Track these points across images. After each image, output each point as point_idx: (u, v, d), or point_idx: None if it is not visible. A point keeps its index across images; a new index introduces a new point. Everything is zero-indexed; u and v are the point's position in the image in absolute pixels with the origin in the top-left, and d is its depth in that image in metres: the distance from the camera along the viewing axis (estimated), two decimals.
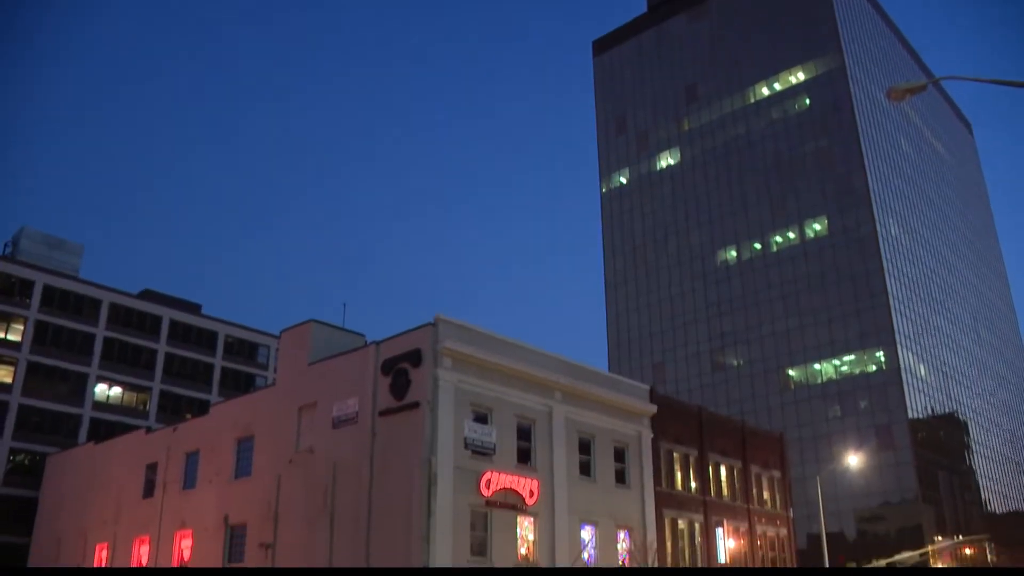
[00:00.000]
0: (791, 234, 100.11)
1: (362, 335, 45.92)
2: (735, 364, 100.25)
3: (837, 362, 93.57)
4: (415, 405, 37.02)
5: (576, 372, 44.12)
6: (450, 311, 46.25)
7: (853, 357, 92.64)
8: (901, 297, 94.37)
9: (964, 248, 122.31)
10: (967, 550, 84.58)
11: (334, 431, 40.78)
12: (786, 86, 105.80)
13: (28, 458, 69.84)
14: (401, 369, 38.20)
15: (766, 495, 56.67)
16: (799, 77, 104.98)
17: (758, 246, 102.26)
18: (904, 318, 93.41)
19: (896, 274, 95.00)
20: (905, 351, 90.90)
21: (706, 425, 52.87)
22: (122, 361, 77.51)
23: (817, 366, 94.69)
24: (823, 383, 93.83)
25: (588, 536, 42.16)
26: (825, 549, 47.94)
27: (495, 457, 38.22)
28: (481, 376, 38.82)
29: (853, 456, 65.62)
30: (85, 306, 76.42)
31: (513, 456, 39.55)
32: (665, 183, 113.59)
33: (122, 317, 78.39)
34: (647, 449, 47.18)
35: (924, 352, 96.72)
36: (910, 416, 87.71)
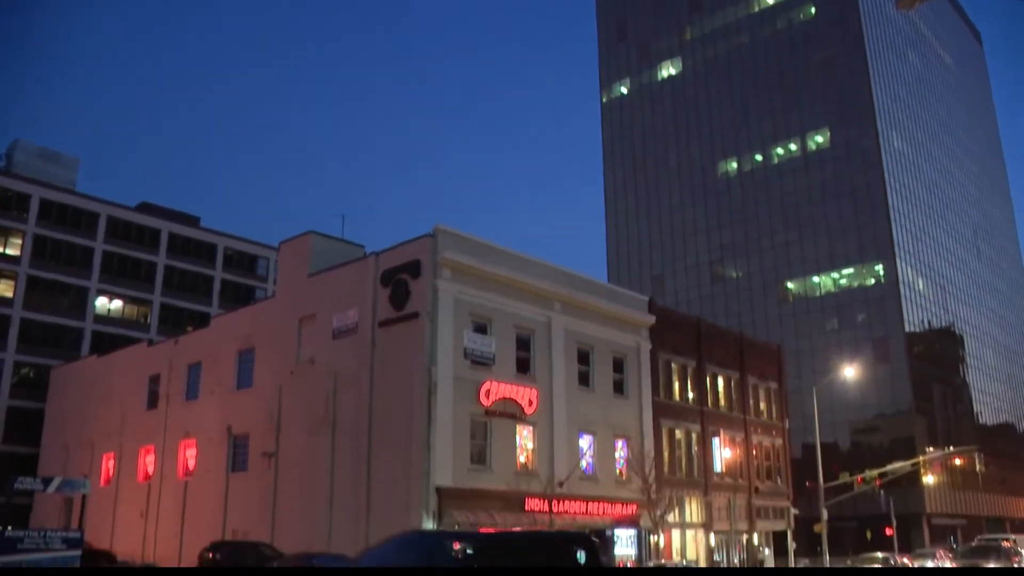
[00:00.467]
0: (793, 146, 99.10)
1: (361, 246, 45.84)
2: (734, 276, 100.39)
3: (836, 275, 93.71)
4: (415, 316, 37.15)
5: (575, 283, 44.17)
6: (449, 222, 46.05)
7: (852, 270, 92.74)
8: (902, 210, 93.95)
9: (968, 161, 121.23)
10: (957, 460, 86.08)
11: (334, 342, 41.03)
12: None
13: (32, 371, 70.51)
14: (401, 280, 38.21)
15: (763, 406, 57.39)
16: None
17: (759, 158, 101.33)
18: (904, 231, 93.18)
19: (897, 187, 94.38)
20: (904, 265, 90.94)
21: (704, 336, 53.21)
22: (122, 274, 77.55)
23: (816, 279, 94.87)
24: (821, 296, 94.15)
25: (586, 445, 42.82)
26: (819, 459, 48.69)
27: (494, 367, 38.53)
28: (480, 287, 38.85)
29: (849, 368, 66.14)
30: (83, 220, 76.10)
31: (512, 366, 39.87)
32: (666, 94, 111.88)
33: (120, 230, 78.14)
34: (645, 360, 47.57)
35: (923, 266, 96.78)
36: (907, 330, 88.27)
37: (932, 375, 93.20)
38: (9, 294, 71.11)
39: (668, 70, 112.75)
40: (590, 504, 41.25)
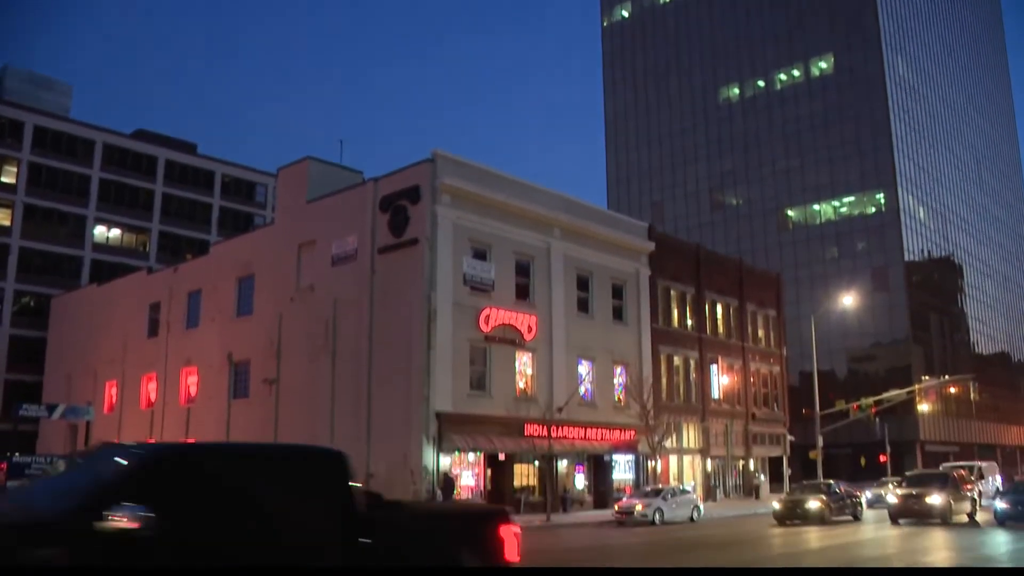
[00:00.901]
0: (796, 72, 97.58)
1: (360, 172, 45.48)
2: (734, 204, 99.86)
3: (836, 203, 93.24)
4: (414, 242, 37.07)
5: (575, 209, 43.96)
6: (449, 149, 45.60)
7: (853, 198, 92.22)
8: (905, 138, 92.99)
9: (974, 89, 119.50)
10: (952, 389, 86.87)
11: (334, 268, 41.00)
12: None
13: (33, 300, 70.56)
14: (400, 206, 38.01)
15: (761, 333, 57.67)
16: None
17: (761, 84, 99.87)
18: (907, 159, 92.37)
19: (901, 115, 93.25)
20: (905, 193, 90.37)
21: (704, 263, 53.19)
22: (119, 202, 77.02)
23: (816, 207, 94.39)
24: (821, 224, 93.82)
25: (585, 371, 43.10)
26: (816, 387, 49.10)
27: (494, 293, 38.59)
28: (480, 212, 38.66)
29: (848, 297, 66.29)
30: (78, 147, 75.24)
31: (512, 292, 39.91)
32: (668, 17, 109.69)
33: (116, 158, 77.34)
34: (645, 286, 47.63)
35: (924, 195, 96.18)
36: (906, 259, 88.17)
37: (930, 304, 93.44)
38: (7, 223, 70.76)
39: None
40: (588, 430, 41.71)
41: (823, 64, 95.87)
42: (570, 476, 41.70)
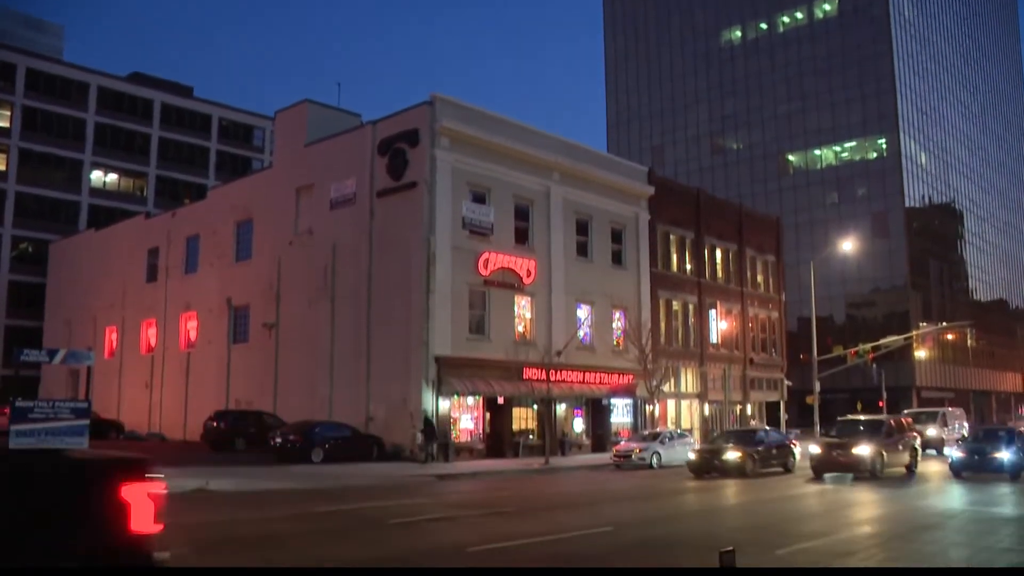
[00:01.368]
0: (799, 14, 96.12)
1: (358, 115, 45.03)
2: (735, 148, 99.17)
3: (838, 148, 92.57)
4: (413, 185, 36.83)
5: (574, 152, 43.62)
6: (447, 91, 45.10)
7: (854, 143, 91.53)
8: (908, 83, 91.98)
9: (980, 33, 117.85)
10: (949, 335, 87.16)
11: (332, 212, 40.80)
12: None
13: (31, 246, 70.34)
14: (398, 149, 37.70)
15: (760, 278, 57.62)
16: None
17: (764, 26, 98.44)
18: (909, 104, 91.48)
19: (906, 58, 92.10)
20: (907, 138, 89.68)
21: (703, 208, 52.94)
22: (115, 147, 76.33)
23: (817, 152, 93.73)
24: (822, 169, 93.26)
25: (584, 315, 43.13)
26: (814, 332, 49.23)
27: (493, 237, 38.44)
28: (479, 156, 38.35)
29: (847, 242, 66.12)
30: (72, 90, 74.34)
31: (511, 236, 39.77)
32: None
33: (112, 101, 76.46)
34: (644, 231, 47.46)
35: (927, 140, 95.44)
36: (907, 204, 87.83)
37: (930, 251, 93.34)
38: (2, 167, 70.23)
39: None
40: (587, 374, 41.88)
41: (827, 6, 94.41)
42: (568, 420, 41.98)
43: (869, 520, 18.22)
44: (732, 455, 28.42)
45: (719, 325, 52.40)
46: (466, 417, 37.97)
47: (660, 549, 13.79)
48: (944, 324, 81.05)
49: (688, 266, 51.22)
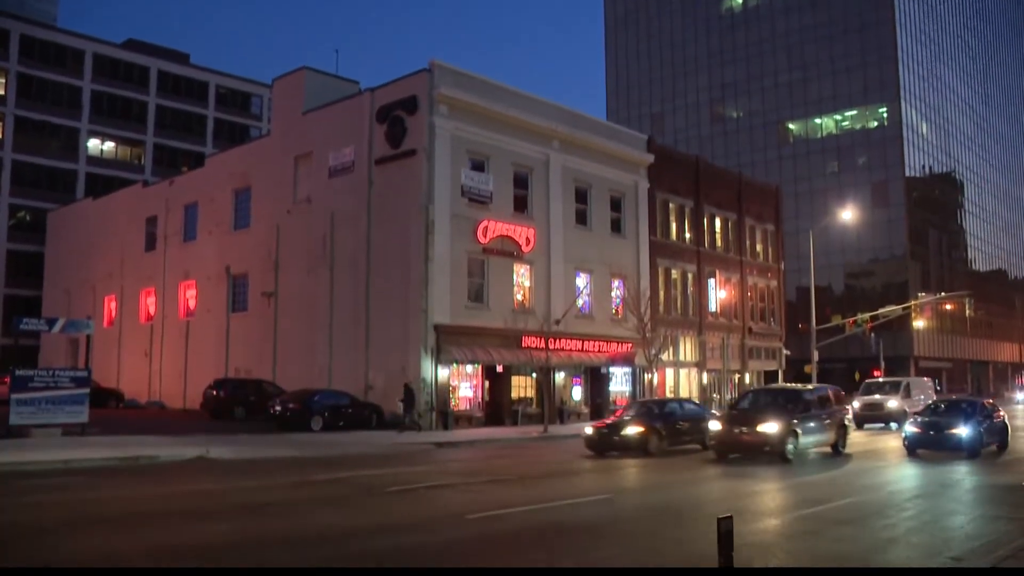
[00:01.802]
0: None
1: (356, 82, 44.68)
2: (735, 116, 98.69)
3: (838, 117, 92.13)
4: (411, 153, 36.66)
5: (574, 120, 43.37)
6: (446, 59, 44.66)
7: (855, 112, 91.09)
8: (910, 51, 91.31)
9: (982, 1, 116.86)
10: (947, 305, 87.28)
11: (331, 180, 40.64)
12: None
13: (29, 214, 70.09)
14: (397, 117, 37.46)
15: (759, 247, 57.53)
16: None
17: None
18: (910, 73, 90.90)
19: (908, 25, 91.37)
20: (908, 107, 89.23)
21: (703, 176, 52.74)
22: (112, 115, 75.84)
23: (818, 120, 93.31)
24: (823, 138, 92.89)
25: (583, 283, 43.12)
26: (813, 302, 49.19)
27: (492, 205, 38.31)
28: (478, 123, 38.13)
29: (847, 212, 65.96)
30: (68, 57, 73.69)
31: (510, 204, 39.65)
32: None
33: (107, 69, 75.82)
34: (643, 199, 47.32)
35: (928, 109, 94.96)
36: (907, 174, 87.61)
37: (929, 220, 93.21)
38: None
39: None
40: (586, 342, 41.95)
41: None
42: (567, 388, 42.10)
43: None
44: (633, 430, 24.83)
45: (718, 294, 52.37)
46: (465, 385, 38.08)
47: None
48: (943, 294, 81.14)
49: (687, 235, 51.13)
